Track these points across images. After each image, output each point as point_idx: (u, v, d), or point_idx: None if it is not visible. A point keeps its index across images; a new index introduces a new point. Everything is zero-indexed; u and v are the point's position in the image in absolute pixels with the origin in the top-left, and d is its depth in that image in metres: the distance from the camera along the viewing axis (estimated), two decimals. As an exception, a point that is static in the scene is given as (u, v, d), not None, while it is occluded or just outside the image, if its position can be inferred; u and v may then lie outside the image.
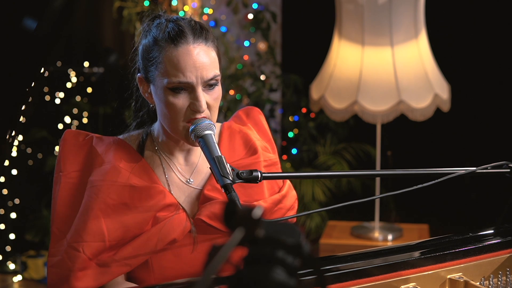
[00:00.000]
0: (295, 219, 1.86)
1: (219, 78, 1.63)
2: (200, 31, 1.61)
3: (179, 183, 1.70)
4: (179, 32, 1.59)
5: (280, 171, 1.87)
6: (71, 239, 1.56)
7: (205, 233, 1.64)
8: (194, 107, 1.58)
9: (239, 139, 1.78)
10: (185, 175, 1.72)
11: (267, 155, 1.79)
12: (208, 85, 1.60)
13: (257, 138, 1.81)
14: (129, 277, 1.66)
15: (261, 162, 1.75)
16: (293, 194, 1.82)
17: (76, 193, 1.64)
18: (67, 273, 1.54)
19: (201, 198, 1.68)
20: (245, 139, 1.78)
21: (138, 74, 1.68)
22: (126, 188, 1.60)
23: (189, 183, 1.71)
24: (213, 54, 1.62)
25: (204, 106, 1.59)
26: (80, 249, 1.54)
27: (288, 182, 1.83)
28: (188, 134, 1.59)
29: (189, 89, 1.59)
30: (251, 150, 1.76)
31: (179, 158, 1.72)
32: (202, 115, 1.59)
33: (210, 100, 1.61)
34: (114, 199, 1.58)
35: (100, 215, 1.57)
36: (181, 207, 1.64)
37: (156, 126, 1.73)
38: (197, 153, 1.74)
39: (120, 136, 1.74)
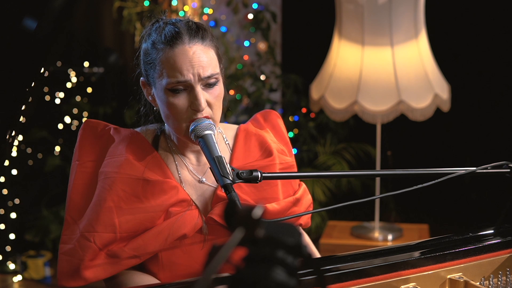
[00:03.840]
0: (308, 221, 1.86)
1: (218, 76, 1.63)
2: (196, 31, 1.62)
3: (191, 181, 1.71)
4: (175, 33, 1.60)
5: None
6: (83, 229, 1.59)
7: (216, 232, 1.65)
8: (194, 106, 1.59)
9: (254, 141, 1.79)
10: (197, 174, 1.72)
11: (283, 158, 1.79)
12: (208, 83, 1.61)
13: (273, 140, 1.81)
14: (140, 269, 1.68)
15: (276, 165, 1.75)
16: (308, 198, 1.83)
17: (90, 183, 1.66)
18: (78, 262, 1.56)
19: (214, 198, 1.69)
20: (261, 141, 1.79)
21: (141, 78, 1.70)
22: (140, 181, 1.61)
23: (202, 182, 1.72)
24: (211, 53, 1.63)
25: (203, 104, 1.59)
26: (92, 239, 1.56)
27: (303, 186, 1.84)
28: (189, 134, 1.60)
29: (188, 88, 1.60)
30: (266, 152, 1.77)
31: (191, 158, 1.73)
32: (203, 114, 1.60)
33: (210, 98, 1.62)
34: (127, 191, 1.60)
35: (113, 207, 1.58)
36: (193, 204, 1.66)
37: (167, 126, 1.74)
38: None
39: (137, 129, 1.76)
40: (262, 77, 4.64)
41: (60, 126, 4.51)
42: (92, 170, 1.67)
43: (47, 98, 4.49)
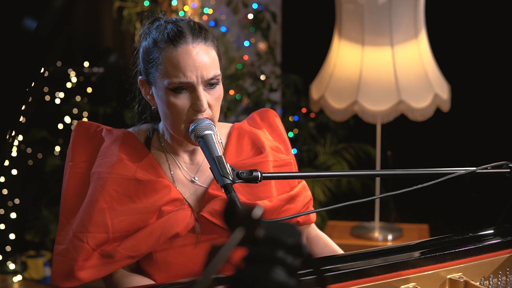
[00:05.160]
0: (309, 218, 1.86)
1: (219, 77, 1.63)
2: (199, 31, 1.62)
3: (184, 181, 1.71)
4: (178, 32, 1.60)
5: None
6: (76, 229, 1.59)
7: (209, 230, 1.65)
8: (195, 107, 1.59)
9: (247, 139, 1.79)
10: (190, 173, 1.73)
11: (278, 155, 1.79)
12: (209, 84, 1.61)
13: (267, 138, 1.81)
14: (135, 269, 1.68)
15: (269, 162, 1.74)
16: (307, 194, 1.81)
17: (83, 183, 1.67)
18: (71, 263, 1.57)
19: (206, 197, 1.69)
20: (254, 139, 1.79)
21: (140, 76, 1.70)
22: (132, 181, 1.62)
23: (194, 181, 1.72)
24: (213, 53, 1.63)
25: (205, 105, 1.60)
26: (85, 240, 1.57)
27: (302, 182, 1.83)
28: (188, 134, 1.60)
29: (190, 89, 1.60)
30: (259, 150, 1.77)
31: (184, 157, 1.74)
32: (204, 115, 1.60)
33: (211, 99, 1.62)
34: (119, 192, 1.60)
35: (105, 208, 1.59)
36: (186, 203, 1.66)
37: (161, 126, 1.74)
38: (202, 153, 1.74)
39: (130, 129, 1.76)
40: (262, 77, 4.64)
41: (60, 126, 4.51)
42: (85, 170, 1.68)
43: (47, 98, 4.49)
